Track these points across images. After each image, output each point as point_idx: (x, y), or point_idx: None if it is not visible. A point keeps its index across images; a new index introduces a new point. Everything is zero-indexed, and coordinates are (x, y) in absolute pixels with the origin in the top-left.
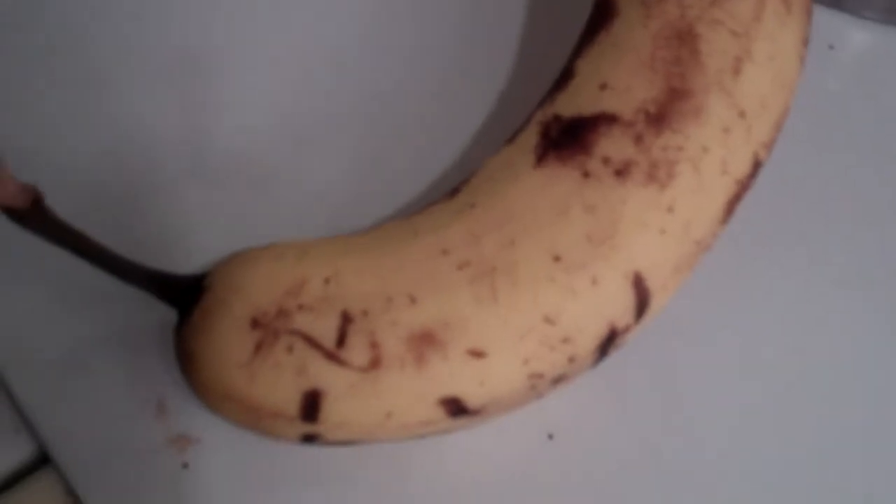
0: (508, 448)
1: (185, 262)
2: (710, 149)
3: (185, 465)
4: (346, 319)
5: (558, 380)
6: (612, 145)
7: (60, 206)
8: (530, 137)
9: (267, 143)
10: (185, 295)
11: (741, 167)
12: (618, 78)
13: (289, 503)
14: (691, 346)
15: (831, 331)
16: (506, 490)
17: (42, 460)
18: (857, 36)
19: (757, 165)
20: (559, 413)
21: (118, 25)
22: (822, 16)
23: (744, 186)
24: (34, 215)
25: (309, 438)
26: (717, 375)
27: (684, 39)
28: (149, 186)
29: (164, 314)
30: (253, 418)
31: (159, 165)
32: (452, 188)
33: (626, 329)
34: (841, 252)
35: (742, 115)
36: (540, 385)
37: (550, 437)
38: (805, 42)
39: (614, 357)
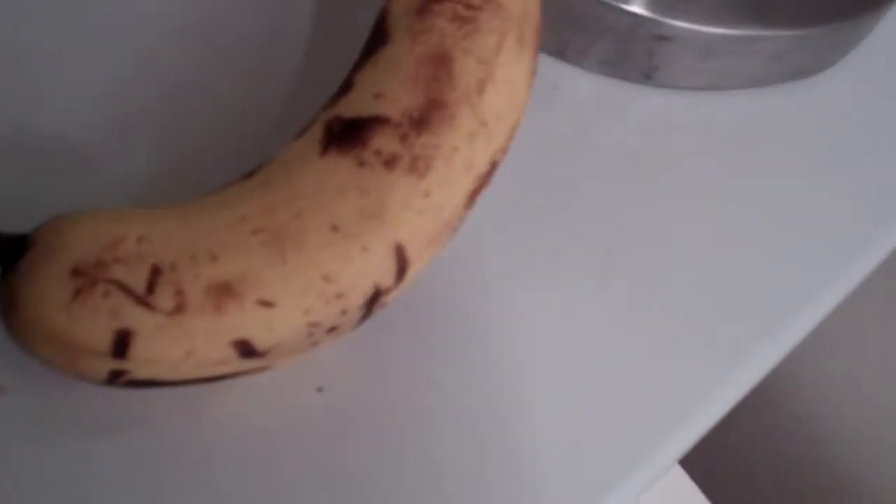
0: (282, 399)
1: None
2: (459, 149)
3: None
4: (155, 272)
5: (332, 329)
6: (383, 141)
7: None
8: (316, 132)
9: (77, 126)
10: (10, 250)
11: (482, 165)
12: (389, 89)
13: (87, 449)
14: (447, 315)
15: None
16: (281, 437)
17: None
18: (577, 80)
19: (494, 165)
20: (329, 368)
21: None
22: (550, 62)
23: (483, 181)
24: None
25: (117, 375)
26: (466, 340)
27: (442, 62)
28: None
29: None
30: (68, 355)
31: None
32: (249, 171)
33: (388, 290)
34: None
35: (484, 124)
36: (317, 333)
37: (320, 389)
38: (533, 73)
39: (380, 320)
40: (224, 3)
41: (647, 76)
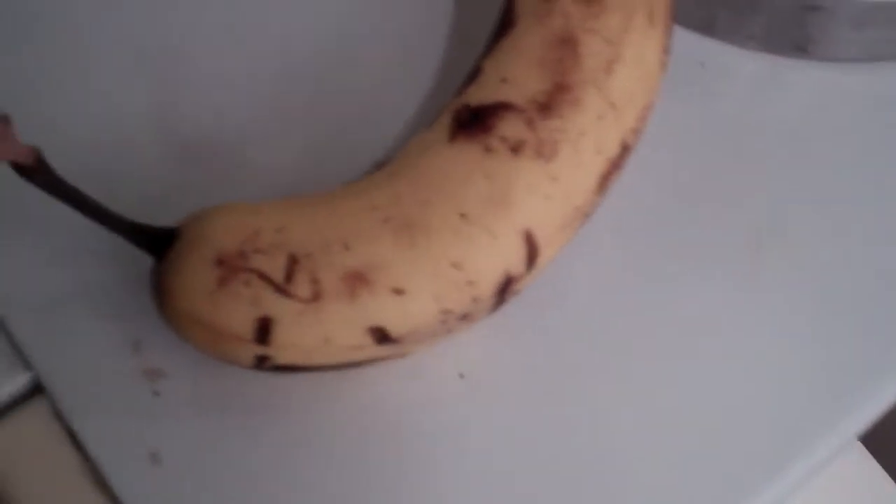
0: (425, 385)
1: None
2: (587, 132)
3: (157, 394)
4: (292, 261)
5: (465, 317)
6: (509, 127)
7: None
8: (444, 121)
9: (228, 124)
10: (161, 242)
11: (612, 148)
12: (515, 73)
13: (238, 427)
14: (583, 308)
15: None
16: (421, 422)
17: (35, 390)
18: (726, 57)
19: (626, 148)
20: (470, 354)
21: (97, 12)
22: (696, 39)
23: (614, 165)
24: (39, 171)
25: (261, 360)
26: (603, 335)
27: (567, 44)
28: (128, 160)
29: (141, 267)
30: (215, 341)
31: (135, 143)
32: (381, 162)
33: (520, 277)
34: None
35: (612, 106)
36: (449, 320)
37: (461, 375)
38: (666, 51)
39: (519, 309)
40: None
41: (801, 49)
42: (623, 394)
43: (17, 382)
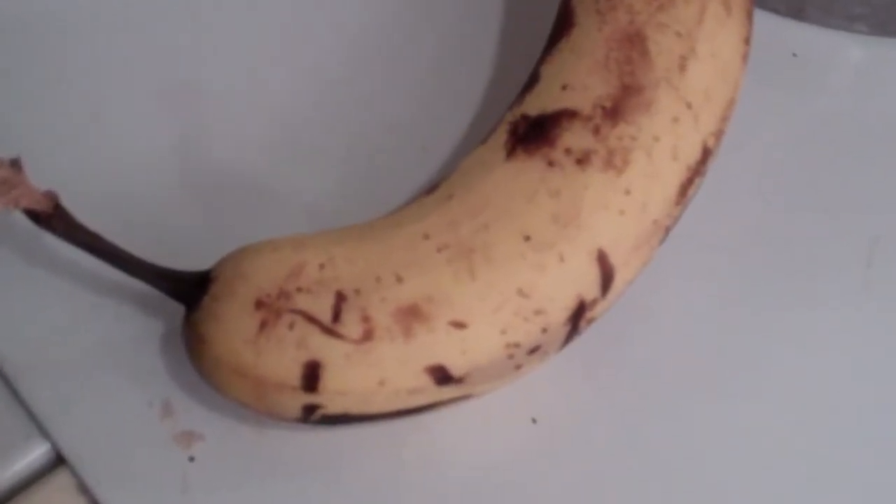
0: (494, 432)
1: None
2: (661, 138)
3: (192, 459)
4: (340, 298)
5: (534, 351)
6: (573, 137)
7: None
8: (500, 136)
9: (257, 161)
10: (193, 288)
11: (691, 154)
12: (577, 78)
13: (286, 491)
14: (672, 340)
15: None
16: (492, 472)
17: (57, 461)
18: (821, 43)
19: (707, 152)
20: (543, 398)
21: (112, 50)
22: (785, 25)
23: (695, 171)
24: (57, 218)
25: (310, 410)
26: (696, 369)
27: (634, 42)
28: (152, 202)
29: (167, 322)
30: (259, 392)
31: (159, 183)
32: (431, 185)
33: (594, 302)
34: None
35: (689, 106)
36: (517, 355)
37: (534, 421)
38: (747, 41)
39: (597, 344)
40: (396, 11)
41: None
42: (720, 435)
43: (34, 453)
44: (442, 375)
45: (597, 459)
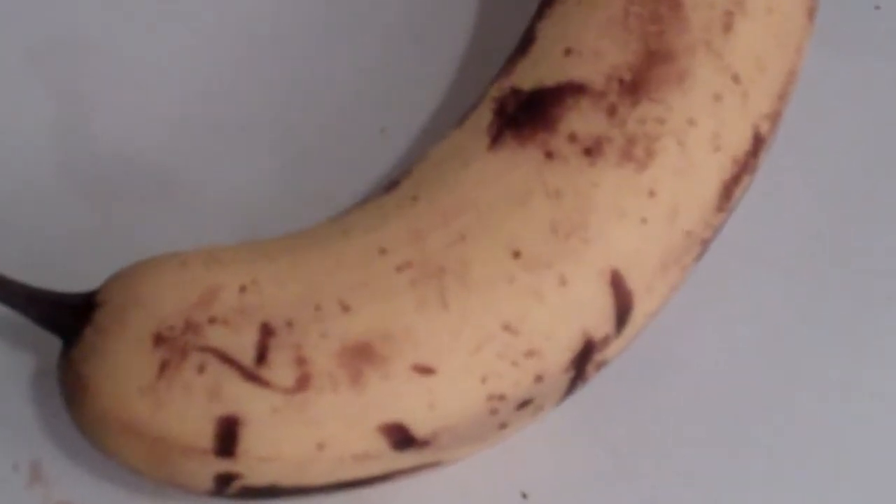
0: None
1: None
2: (698, 121)
3: None
4: (266, 332)
5: (524, 404)
6: (580, 120)
7: None
8: (483, 116)
9: (161, 143)
10: (72, 317)
11: (738, 142)
12: (585, 40)
13: None
14: (707, 393)
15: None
16: None
17: None
18: None
19: (759, 140)
20: (535, 467)
21: None
22: None
23: (743, 166)
24: None
25: (225, 481)
26: (738, 435)
27: None
28: (18, 198)
29: (39, 360)
30: (158, 456)
31: (30, 173)
32: (390, 182)
33: (606, 341)
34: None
35: (735, 79)
36: (502, 410)
37: (524, 496)
38: None
39: (607, 397)
40: None
41: None
42: None
43: None
44: (401, 437)
45: None
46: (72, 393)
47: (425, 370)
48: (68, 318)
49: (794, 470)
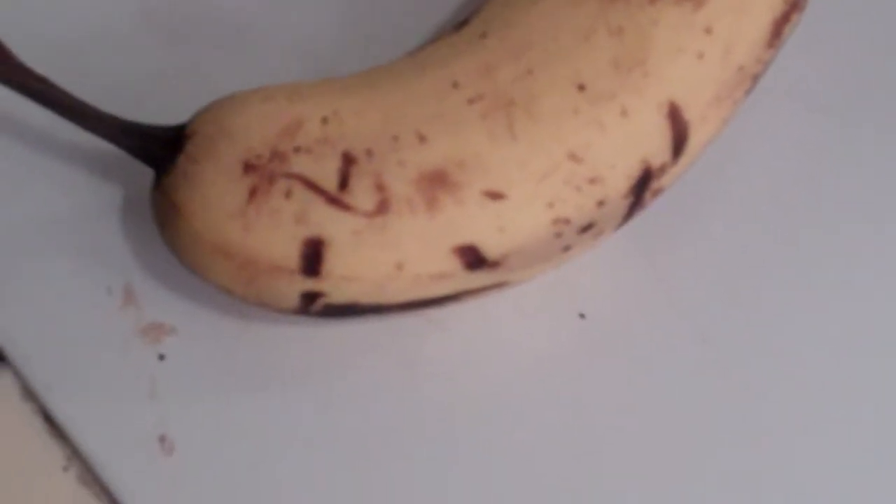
0: (533, 330)
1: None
2: None
3: (161, 357)
4: (348, 161)
5: (587, 228)
6: None
7: None
8: None
9: None
10: (164, 147)
11: None
12: None
13: (276, 398)
14: (756, 218)
15: None
16: (530, 380)
17: None
18: None
19: None
20: (592, 291)
21: None
22: None
23: (793, 4)
24: None
25: (310, 299)
26: (782, 257)
27: None
28: (101, 41)
29: (129, 190)
30: (248, 276)
31: (113, 16)
32: (460, 21)
33: (663, 169)
34: None
35: None
36: (566, 233)
37: (582, 316)
38: None
39: (656, 227)
40: None
41: None
42: (804, 337)
43: None
44: (473, 258)
45: (656, 363)
46: (165, 218)
47: (496, 196)
48: (160, 148)
49: (841, 295)
